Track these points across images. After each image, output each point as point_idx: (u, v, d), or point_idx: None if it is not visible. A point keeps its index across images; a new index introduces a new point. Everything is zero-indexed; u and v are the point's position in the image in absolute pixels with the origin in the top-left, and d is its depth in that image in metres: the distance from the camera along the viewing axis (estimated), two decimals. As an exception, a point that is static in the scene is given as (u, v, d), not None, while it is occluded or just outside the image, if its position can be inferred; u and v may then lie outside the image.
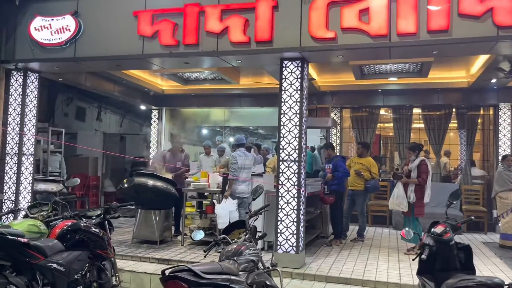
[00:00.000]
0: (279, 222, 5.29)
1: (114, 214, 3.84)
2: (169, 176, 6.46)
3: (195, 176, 6.89)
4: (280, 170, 5.33)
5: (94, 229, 3.70)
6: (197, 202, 7.08)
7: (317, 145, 10.47)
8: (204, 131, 11.65)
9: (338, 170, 6.62)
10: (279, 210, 5.31)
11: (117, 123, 12.45)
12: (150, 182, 6.10)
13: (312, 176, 9.39)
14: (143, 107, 10.52)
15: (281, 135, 5.32)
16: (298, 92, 5.27)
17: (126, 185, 5.97)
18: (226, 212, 5.59)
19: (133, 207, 6.36)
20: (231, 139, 11.23)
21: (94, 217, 3.85)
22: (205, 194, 6.59)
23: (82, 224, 3.80)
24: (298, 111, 5.27)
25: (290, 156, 5.28)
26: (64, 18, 5.78)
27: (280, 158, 5.33)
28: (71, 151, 9.90)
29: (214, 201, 6.12)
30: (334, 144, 8.66)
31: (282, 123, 5.32)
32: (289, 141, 5.30)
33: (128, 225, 7.92)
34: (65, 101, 10.79)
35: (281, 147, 5.34)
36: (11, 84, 6.23)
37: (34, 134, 6.16)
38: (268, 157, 8.72)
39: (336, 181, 6.59)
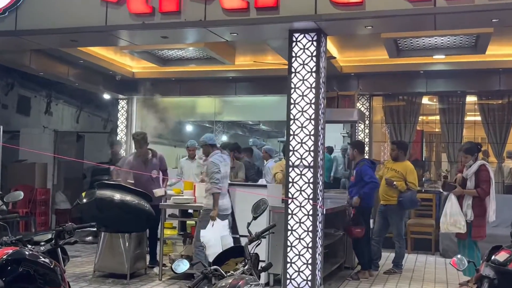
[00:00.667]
0: (288, 249, 5.32)
1: (69, 239, 3.72)
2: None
3: (175, 188, 6.90)
4: (290, 179, 5.36)
5: (43, 259, 3.58)
6: (180, 223, 7.14)
7: (341, 146, 10.52)
8: (189, 128, 11.71)
9: (364, 178, 6.65)
10: (289, 233, 5.33)
11: (73, 118, 12.48)
12: (117, 196, 6.16)
13: (332, 187, 9.43)
14: (107, 96, 10.57)
15: (291, 132, 5.35)
16: (313, 75, 5.30)
17: (85, 200, 6.02)
18: (216, 238, 5.63)
19: (95, 229, 6.38)
20: (224, 139, 11.33)
21: (43, 243, 3.77)
22: (190, 211, 6.63)
23: (27, 253, 3.68)
24: (313, 101, 5.30)
25: (303, 161, 5.31)
26: (0, -22, 5.83)
27: (290, 163, 5.36)
28: (12, 156, 9.94)
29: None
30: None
31: (292, 116, 5.35)
32: (302, 140, 5.32)
33: (88, 253, 7.93)
34: (3, 89, 10.83)
35: (290, 148, 5.37)
36: None
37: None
38: (270, 164, 8.81)
39: (366, 189, 6.64)
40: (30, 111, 11.48)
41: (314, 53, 5.29)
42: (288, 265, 5.31)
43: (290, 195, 5.35)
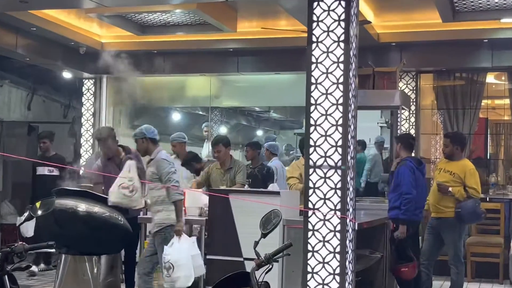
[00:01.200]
0: (309, 276, 5.31)
1: (19, 263, 3.86)
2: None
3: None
4: (311, 184, 5.35)
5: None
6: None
7: (375, 139, 10.50)
8: (176, 117, 11.73)
9: (400, 183, 6.74)
10: (310, 255, 5.33)
11: (23, 104, 12.47)
12: (82, 206, 6.18)
13: (366, 194, 9.40)
14: (67, 75, 10.59)
15: (312, 121, 5.34)
16: (341, 45, 5.28)
17: (39, 212, 5.80)
18: (186, 257, 5.87)
19: (53, 250, 6.43)
20: (222, 130, 11.32)
21: (-16, 269, 3.91)
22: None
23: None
24: (341, 80, 5.28)
25: (328, 159, 5.30)
26: None
27: (310, 163, 5.35)
28: None
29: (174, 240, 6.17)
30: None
31: (313, 101, 5.34)
32: (326, 132, 5.31)
33: (45, 282, 7.90)
34: None
35: (311, 143, 5.35)
36: None
37: None
38: (274, 163, 8.77)
39: (401, 205, 6.70)
40: (-36, 95, 11.54)
41: (342, 17, 5.26)
42: (309, 297, 5.29)
43: (310, 205, 5.33)
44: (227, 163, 7.44)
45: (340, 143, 5.28)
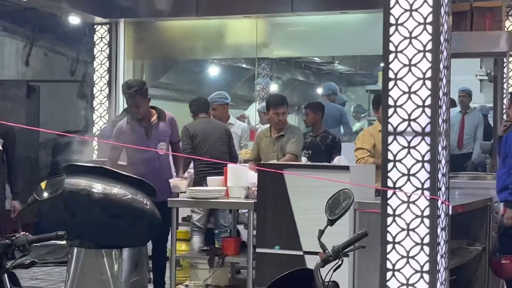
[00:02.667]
0: (389, 274, 5.32)
1: (22, 259, 3.81)
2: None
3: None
4: (390, 156, 5.34)
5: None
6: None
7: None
8: (213, 71, 11.76)
9: (509, 154, 6.76)
10: (390, 247, 5.33)
11: (20, 58, 12.55)
12: (98, 186, 6.26)
13: (461, 169, 9.23)
14: (75, 21, 10.64)
15: (391, 74, 5.30)
16: (429, -28, 5.19)
17: (45, 195, 5.89)
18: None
19: (63, 242, 6.53)
20: (272, 88, 11.29)
21: (-22, 268, 3.99)
22: (219, 212, 6.97)
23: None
24: (429, 18, 5.22)
25: (413, 123, 5.27)
26: None
27: (390, 128, 5.33)
28: None
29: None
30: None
31: (392, 48, 5.30)
32: (410, 87, 5.27)
33: (53, 282, 8.02)
34: None
35: (390, 102, 5.33)
36: None
37: None
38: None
39: (510, 184, 6.68)
40: None
41: None
42: (389, 301, 5.32)
43: (390, 183, 5.31)
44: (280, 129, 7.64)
45: (428, 102, 5.25)
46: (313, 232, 3.50)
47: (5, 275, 3.86)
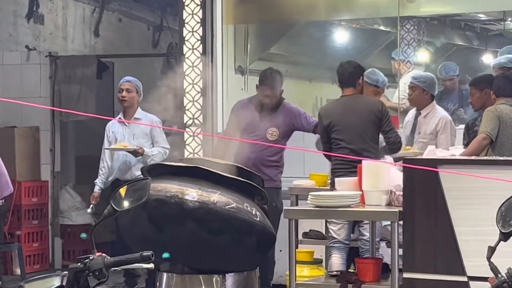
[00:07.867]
0: None
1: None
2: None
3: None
4: None
5: None
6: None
7: None
8: (341, 37, 11.70)
9: None
10: None
11: (87, 27, 12.33)
12: (193, 192, 5.89)
13: None
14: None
15: None
16: None
17: (126, 204, 5.50)
18: None
19: (150, 266, 5.93)
20: (420, 56, 11.05)
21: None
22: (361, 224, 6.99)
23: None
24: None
25: None
26: None
27: None
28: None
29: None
30: None
31: None
32: None
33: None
34: None
35: None
36: None
37: None
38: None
39: None
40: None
41: None
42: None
43: None
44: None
45: None
46: (481, 250, 3.37)
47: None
